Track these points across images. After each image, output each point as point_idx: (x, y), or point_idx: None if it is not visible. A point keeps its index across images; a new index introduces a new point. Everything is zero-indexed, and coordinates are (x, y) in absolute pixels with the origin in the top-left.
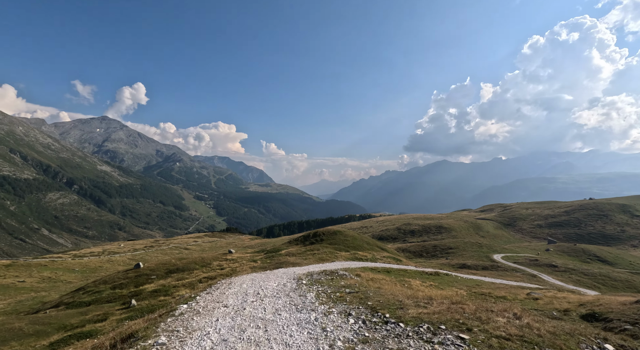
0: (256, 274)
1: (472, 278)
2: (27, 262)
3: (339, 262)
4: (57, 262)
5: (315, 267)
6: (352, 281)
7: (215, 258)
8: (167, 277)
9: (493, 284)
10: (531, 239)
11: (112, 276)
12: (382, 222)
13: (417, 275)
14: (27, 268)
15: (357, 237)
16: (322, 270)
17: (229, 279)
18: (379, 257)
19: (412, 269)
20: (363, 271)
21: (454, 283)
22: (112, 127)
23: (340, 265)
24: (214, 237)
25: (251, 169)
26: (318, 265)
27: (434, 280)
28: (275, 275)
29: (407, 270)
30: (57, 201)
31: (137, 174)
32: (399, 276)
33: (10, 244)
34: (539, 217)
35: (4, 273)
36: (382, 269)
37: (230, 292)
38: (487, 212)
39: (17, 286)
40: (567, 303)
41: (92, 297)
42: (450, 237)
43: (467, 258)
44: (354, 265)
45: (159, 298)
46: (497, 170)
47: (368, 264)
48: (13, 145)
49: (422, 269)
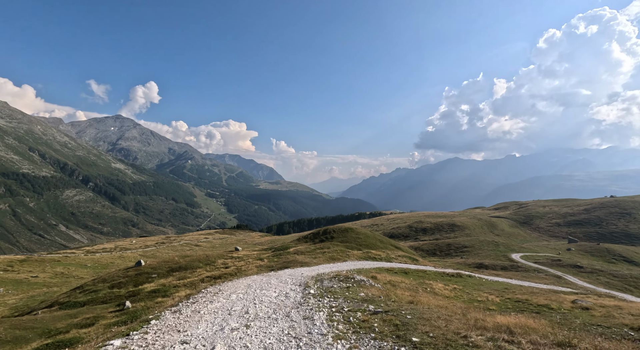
0: (257, 276)
1: (498, 280)
2: (41, 257)
3: (351, 261)
4: (70, 257)
5: (326, 268)
6: (374, 291)
7: (220, 256)
8: (168, 276)
9: (522, 287)
10: (549, 238)
11: (111, 274)
12: (393, 220)
13: (438, 277)
14: (41, 263)
15: (370, 234)
16: (334, 273)
17: (218, 285)
18: (394, 257)
19: (431, 269)
20: (379, 272)
21: (480, 286)
22: (126, 126)
23: (352, 265)
24: (225, 234)
25: (261, 167)
26: (328, 265)
27: (457, 282)
28: (278, 279)
29: (426, 271)
30: (74, 198)
31: (150, 172)
32: (418, 278)
33: (30, 240)
34: (557, 215)
35: (19, 268)
36: (399, 270)
37: (209, 309)
38: (501, 210)
39: (30, 281)
40: (631, 315)
41: (87, 297)
42: (464, 235)
43: (484, 257)
44: (367, 266)
45: (156, 299)
46: (511, 167)
47: (383, 264)
48: (32, 144)
49: (442, 270)
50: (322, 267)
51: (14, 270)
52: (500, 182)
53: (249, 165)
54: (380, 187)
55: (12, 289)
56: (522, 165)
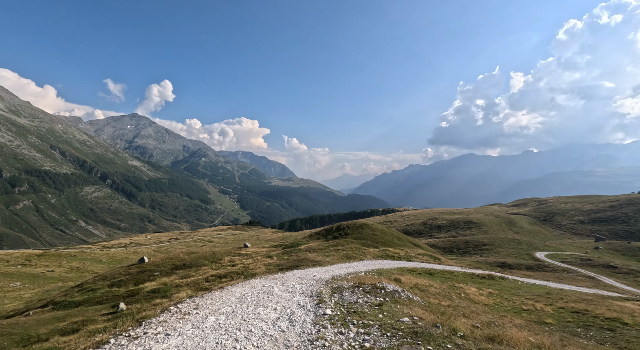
0: (259, 280)
1: (534, 283)
2: (58, 252)
3: (368, 260)
4: (85, 252)
5: (341, 269)
6: (419, 312)
7: (227, 253)
8: (171, 274)
9: (564, 291)
10: (572, 236)
11: (113, 272)
12: (407, 217)
13: (468, 279)
14: (58, 258)
15: (387, 231)
16: (353, 276)
17: (199, 298)
18: (414, 255)
19: (458, 270)
20: (401, 273)
21: (517, 290)
22: (142, 124)
23: (370, 265)
24: (237, 230)
25: (273, 164)
26: (344, 265)
27: (491, 286)
28: (284, 286)
29: (452, 272)
30: (93, 194)
31: (165, 169)
32: (445, 280)
33: (52, 235)
34: (580, 212)
35: (36, 262)
36: (423, 271)
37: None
38: (520, 206)
39: (46, 276)
40: None
41: (84, 296)
42: (481, 232)
43: (505, 256)
44: (387, 266)
45: (154, 301)
46: (528, 163)
47: (403, 263)
48: (53, 142)
49: (471, 271)
50: (336, 268)
51: (32, 264)
52: (517, 179)
53: (261, 162)
54: (392, 183)
55: (29, 283)
56: (540, 161)
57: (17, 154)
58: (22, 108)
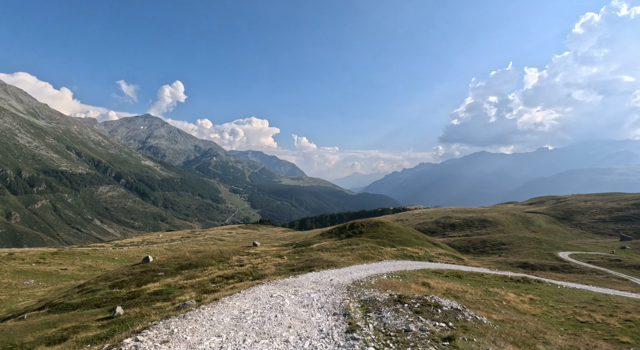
0: (265, 286)
1: (575, 287)
2: (72, 250)
3: (387, 261)
4: (98, 250)
5: (360, 270)
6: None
7: (235, 252)
8: (176, 275)
9: (608, 296)
10: (593, 235)
11: (116, 272)
12: (419, 215)
13: (501, 283)
14: (71, 256)
15: (403, 229)
16: (380, 283)
17: (178, 319)
18: (434, 255)
19: (486, 272)
20: (427, 276)
21: (559, 296)
22: (154, 124)
23: (391, 266)
24: (248, 229)
25: (283, 163)
26: (362, 266)
27: (528, 290)
28: (297, 297)
29: (482, 274)
30: (107, 194)
31: (177, 169)
32: (476, 284)
33: (69, 233)
34: (601, 210)
35: (50, 260)
36: (449, 273)
37: None
38: (536, 205)
39: (59, 274)
40: None
41: (83, 298)
42: (497, 231)
43: (526, 256)
44: (410, 267)
45: (155, 304)
46: (543, 161)
47: (425, 264)
48: (69, 143)
49: (502, 273)
50: (354, 270)
51: (46, 262)
52: (531, 177)
53: (271, 161)
54: (403, 182)
55: (43, 281)
56: (556, 159)
57: (35, 154)
58: (40, 110)
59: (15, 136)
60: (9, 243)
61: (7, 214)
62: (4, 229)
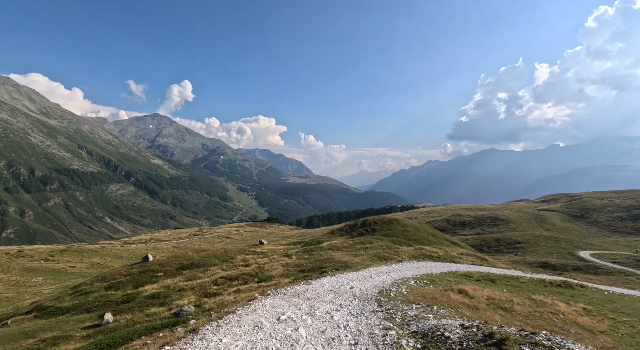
0: (270, 300)
1: (622, 292)
2: (80, 247)
3: (408, 262)
4: (107, 248)
5: (381, 274)
6: None
7: (240, 251)
8: (176, 275)
9: None
10: (611, 233)
11: (113, 272)
12: (428, 213)
13: (541, 288)
14: (79, 253)
15: (420, 227)
16: (411, 293)
17: None
18: (455, 255)
19: (519, 274)
20: (458, 281)
21: (612, 304)
22: (163, 123)
23: (414, 268)
24: (255, 227)
25: (290, 161)
26: (381, 268)
27: (575, 297)
28: (314, 320)
29: (516, 277)
30: (117, 192)
31: (186, 167)
32: (514, 288)
33: (80, 230)
34: (618, 208)
35: (58, 258)
36: (480, 276)
37: None
38: (549, 202)
39: (67, 271)
40: None
41: (74, 301)
42: (509, 229)
43: (545, 255)
44: (435, 269)
45: (149, 309)
46: (554, 158)
47: (449, 265)
48: (81, 142)
49: (538, 276)
50: (374, 273)
51: (54, 260)
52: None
53: (278, 159)
54: (410, 180)
55: (50, 278)
56: (567, 156)
57: (48, 153)
58: (52, 110)
59: (28, 135)
60: (23, 240)
61: (21, 212)
62: (18, 227)
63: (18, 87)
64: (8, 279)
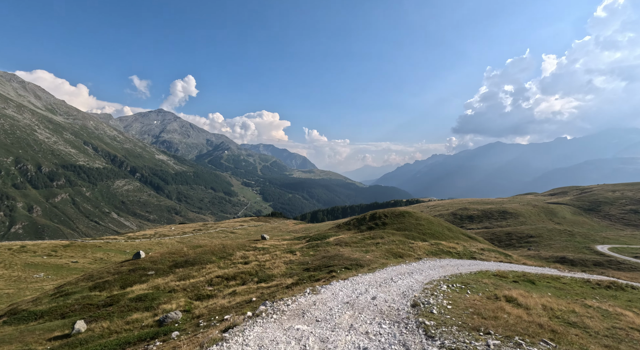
0: (261, 328)
1: None
2: (84, 243)
3: (428, 260)
4: (110, 243)
5: (403, 276)
6: None
7: (240, 247)
8: (168, 274)
9: None
10: (624, 227)
11: (101, 270)
12: (434, 207)
13: (588, 290)
14: (83, 249)
15: (434, 220)
16: (457, 307)
17: None
18: (476, 251)
19: (558, 273)
20: (496, 283)
21: None
22: (167, 119)
23: (438, 267)
24: (260, 222)
25: (294, 156)
26: (400, 268)
27: (633, 302)
28: None
29: (557, 277)
30: (123, 188)
31: (190, 162)
32: (560, 292)
33: (87, 226)
34: (631, 200)
35: (61, 253)
36: (515, 276)
37: None
38: (559, 195)
39: (70, 267)
40: None
41: (51, 305)
42: (518, 223)
43: (560, 249)
44: (462, 269)
45: (132, 315)
46: (561, 151)
47: (475, 263)
48: (86, 138)
49: (579, 276)
50: (394, 274)
51: (57, 255)
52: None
53: (282, 154)
54: (415, 174)
55: (52, 274)
56: (575, 148)
57: (54, 150)
58: (58, 106)
59: (34, 132)
60: (32, 236)
61: (29, 208)
62: (27, 222)
63: (24, 84)
64: (10, 275)
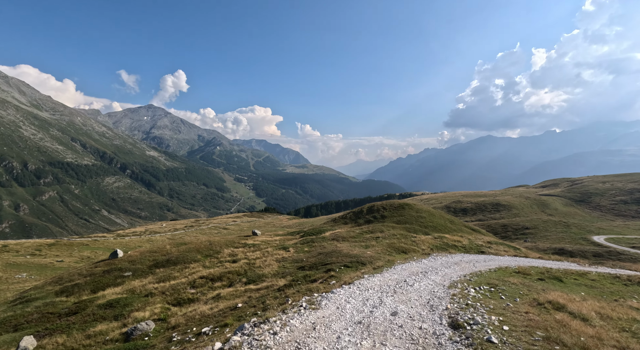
0: None
1: None
2: (70, 241)
3: (439, 256)
4: (98, 241)
5: (417, 276)
6: None
7: (229, 243)
8: (147, 275)
9: None
10: (614, 217)
11: (72, 272)
12: (428, 201)
13: (623, 288)
14: (69, 247)
15: (435, 213)
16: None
17: None
18: (482, 244)
19: (579, 268)
20: (523, 282)
21: None
22: (158, 115)
23: (454, 264)
24: (253, 217)
25: (287, 151)
26: (410, 265)
27: None
28: None
29: (583, 273)
30: (113, 185)
31: (182, 158)
32: (591, 290)
33: (77, 224)
34: (621, 191)
35: (46, 252)
36: (539, 273)
37: None
38: (550, 187)
39: (54, 266)
40: None
41: (7, 314)
42: (512, 215)
43: (557, 241)
44: (480, 266)
45: (95, 326)
46: (550, 144)
47: (491, 259)
48: (74, 135)
49: (607, 270)
50: (405, 273)
51: (41, 254)
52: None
53: (275, 149)
54: (408, 168)
55: (36, 274)
56: (564, 141)
57: (40, 146)
58: (43, 102)
59: (19, 128)
60: (19, 234)
61: (16, 206)
62: (14, 221)
63: (7, 79)
64: None
